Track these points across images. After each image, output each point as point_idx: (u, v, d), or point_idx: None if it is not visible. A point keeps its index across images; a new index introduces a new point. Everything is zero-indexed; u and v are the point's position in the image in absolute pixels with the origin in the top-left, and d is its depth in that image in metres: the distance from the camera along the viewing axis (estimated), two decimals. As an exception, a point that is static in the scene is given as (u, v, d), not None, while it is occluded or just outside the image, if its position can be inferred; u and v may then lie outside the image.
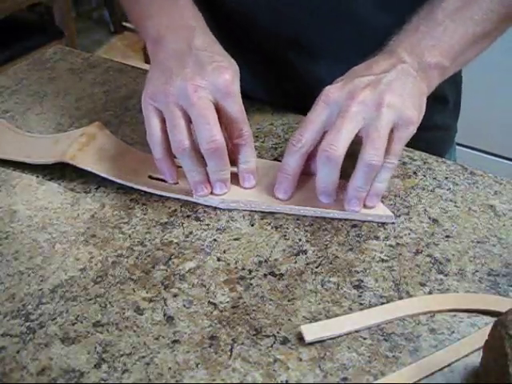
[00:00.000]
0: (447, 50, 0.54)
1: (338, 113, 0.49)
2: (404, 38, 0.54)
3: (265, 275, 0.47)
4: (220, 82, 0.50)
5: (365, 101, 0.49)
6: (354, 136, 0.49)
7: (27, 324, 0.43)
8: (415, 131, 0.51)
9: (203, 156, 0.51)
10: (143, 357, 0.41)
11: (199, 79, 0.50)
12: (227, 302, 0.45)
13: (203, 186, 0.52)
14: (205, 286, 0.46)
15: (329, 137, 0.49)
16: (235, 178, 0.54)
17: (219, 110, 0.51)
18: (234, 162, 0.53)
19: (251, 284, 0.46)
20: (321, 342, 0.42)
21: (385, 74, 0.51)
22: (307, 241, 0.50)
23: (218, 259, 0.48)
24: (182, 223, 0.52)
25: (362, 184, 0.50)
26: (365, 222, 0.52)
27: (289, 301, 0.45)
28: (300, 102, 0.62)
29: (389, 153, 0.49)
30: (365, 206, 0.52)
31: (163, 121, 0.51)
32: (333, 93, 0.50)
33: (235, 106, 0.51)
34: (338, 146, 0.48)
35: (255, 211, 0.53)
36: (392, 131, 0.49)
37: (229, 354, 0.41)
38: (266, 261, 0.48)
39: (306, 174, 0.54)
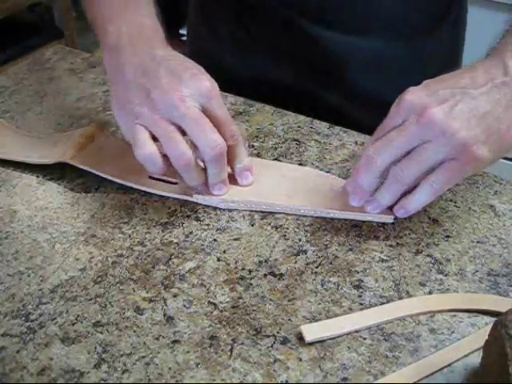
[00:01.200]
0: None
1: (403, 122, 0.46)
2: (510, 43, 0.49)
3: (265, 275, 0.47)
4: (203, 88, 0.49)
5: (429, 122, 0.44)
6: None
7: (27, 324, 0.43)
8: (480, 171, 0.46)
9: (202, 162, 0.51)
10: (143, 357, 0.41)
11: (181, 88, 0.48)
12: (227, 302, 0.45)
13: (204, 186, 0.52)
14: (205, 286, 0.46)
15: (377, 145, 0.47)
16: (234, 178, 0.54)
17: (206, 116, 0.50)
18: (228, 162, 0.53)
19: (251, 284, 0.46)
20: (321, 341, 0.42)
21: (473, 91, 0.45)
22: (307, 241, 0.50)
23: (218, 259, 0.48)
24: (182, 223, 0.52)
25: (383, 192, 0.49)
26: (365, 222, 0.52)
27: (289, 301, 0.45)
28: (323, 78, 0.64)
29: (430, 179, 0.46)
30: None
31: (154, 139, 0.49)
32: (408, 97, 0.46)
33: (222, 109, 0.51)
34: (381, 156, 0.47)
35: (255, 211, 0.53)
36: (444, 162, 0.46)
37: (229, 354, 0.41)
38: (266, 261, 0.48)
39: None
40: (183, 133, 0.49)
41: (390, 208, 0.50)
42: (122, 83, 0.51)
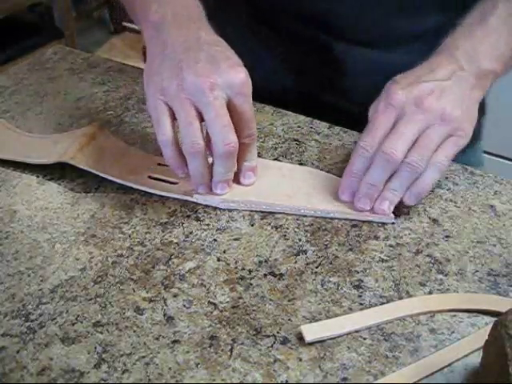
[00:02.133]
0: (500, 56, 0.55)
1: (402, 116, 0.51)
2: (461, 42, 0.55)
3: (265, 275, 0.47)
4: (236, 81, 0.49)
5: (429, 109, 0.50)
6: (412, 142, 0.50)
7: (27, 324, 0.43)
8: (465, 144, 0.52)
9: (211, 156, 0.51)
10: (143, 357, 0.41)
11: (215, 76, 0.48)
12: (227, 302, 0.45)
13: (206, 185, 0.52)
14: (205, 286, 0.46)
15: (391, 141, 0.50)
16: (235, 177, 0.54)
17: (231, 109, 0.49)
18: (237, 160, 0.53)
19: (251, 284, 0.46)
20: (321, 342, 0.42)
21: (447, 82, 0.52)
22: (307, 241, 0.50)
23: (218, 259, 0.48)
24: (182, 223, 0.52)
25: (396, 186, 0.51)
26: (365, 222, 0.52)
27: (289, 301, 0.45)
28: (333, 89, 0.66)
29: (433, 161, 0.51)
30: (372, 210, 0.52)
31: (173, 117, 0.49)
32: (398, 95, 0.51)
33: (248, 106, 0.50)
34: (399, 150, 0.49)
35: (255, 211, 0.53)
36: (443, 141, 0.51)
37: (229, 354, 0.41)
38: (266, 261, 0.48)
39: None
40: (202, 119, 0.49)
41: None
42: (160, 55, 0.51)
